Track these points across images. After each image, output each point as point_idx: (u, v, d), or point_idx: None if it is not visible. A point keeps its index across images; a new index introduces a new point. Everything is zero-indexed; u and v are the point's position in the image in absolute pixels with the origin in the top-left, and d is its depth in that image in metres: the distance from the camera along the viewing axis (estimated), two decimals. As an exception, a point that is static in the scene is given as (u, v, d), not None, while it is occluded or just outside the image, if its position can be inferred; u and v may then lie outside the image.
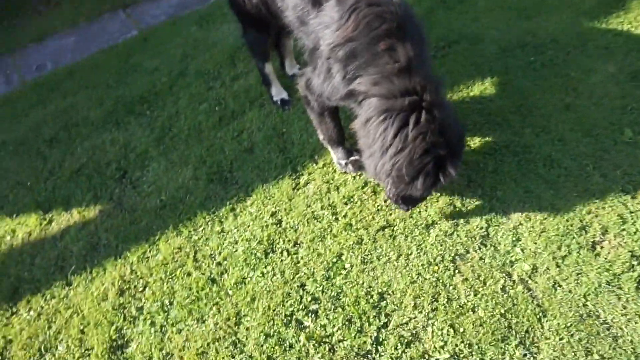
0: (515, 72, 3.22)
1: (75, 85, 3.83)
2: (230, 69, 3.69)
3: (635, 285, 2.18)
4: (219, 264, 2.58)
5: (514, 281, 2.26)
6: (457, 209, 2.59)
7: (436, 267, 2.36)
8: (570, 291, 2.20)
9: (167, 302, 2.47)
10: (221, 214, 2.79)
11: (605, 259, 2.29)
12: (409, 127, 2.13)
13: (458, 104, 3.10)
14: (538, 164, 2.70)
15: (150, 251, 2.70)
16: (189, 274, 2.56)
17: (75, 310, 2.52)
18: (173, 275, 2.57)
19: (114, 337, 2.38)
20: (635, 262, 2.25)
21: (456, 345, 2.09)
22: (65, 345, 2.39)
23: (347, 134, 2.78)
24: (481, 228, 2.49)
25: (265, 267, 2.52)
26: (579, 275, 2.24)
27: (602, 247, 2.34)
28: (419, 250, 2.44)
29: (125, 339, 2.37)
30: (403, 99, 2.12)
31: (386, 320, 2.22)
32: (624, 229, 2.38)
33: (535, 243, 2.39)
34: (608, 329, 2.06)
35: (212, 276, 2.53)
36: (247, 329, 2.30)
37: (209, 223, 2.76)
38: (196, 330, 2.34)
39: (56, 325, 2.48)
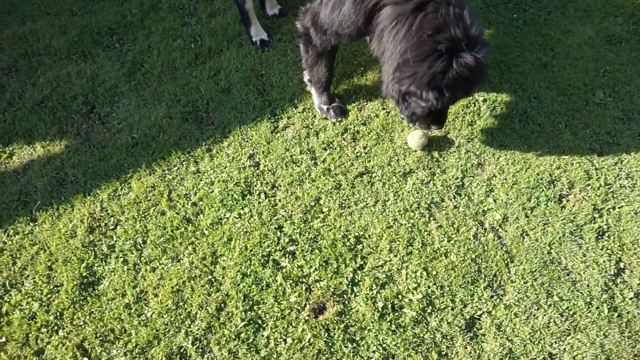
0: (497, 27, 3.22)
1: (34, 9, 3.51)
2: (207, 4, 3.48)
3: (595, 235, 2.32)
4: (194, 204, 2.53)
5: (485, 229, 2.36)
6: (435, 158, 2.63)
7: (412, 214, 2.42)
8: (536, 240, 2.32)
9: (140, 240, 2.42)
10: (196, 154, 2.71)
11: (570, 211, 2.41)
12: (417, 21, 2.02)
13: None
14: (514, 119, 2.77)
15: (121, 189, 2.61)
16: (163, 213, 2.51)
17: (42, 246, 2.42)
18: (146, 214, 2.51)
19: (84, 274, 2.32)
20: (596, 215, 2.39)
21: (429, 287, 2.18)
22: (32, 281, 2.31)
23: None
24: (457, 178, 2.55)
25: (243, 208, 2.49)
26: (546, 226, 2.36)
27: (567, 200, 2.46)
28: (395, 197, 2.49)
29: (97, 276, 2.32)
30: (414, 1, 2.03)
31: (362, 262, 2.27)
32: (588, 184, 2.51)
33: (507, 194, 2.48)
34: (568, 274, 2.20)
35: (187, 216, 2.49)
36: (224, 268, 2.30)
37: (184, 163, 2.69)
38: (171, 268, 2.31)
39: (21, 261, 2.39)
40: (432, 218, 2.40)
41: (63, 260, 2.37)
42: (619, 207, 2.43)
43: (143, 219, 2.49)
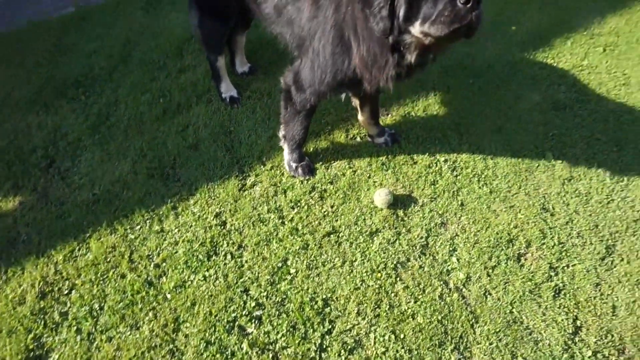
0: (455, 91, 3.43)
1: (-4, 59, 3.46)
2: (177, 60, 3.54)
3: (553, 294, 2.42)
4: (157, 265, 2.46)
5: (450, 289, 2.41)
6: (400, 217, 2.70)
7: (379, 275, 2.44)
8: (499, 299, 2.38)
9: (96, 306, 2.30)
10: (161, 212, 2.66)
11: (529, 269, 2.51)
12: None
13: (403, 118, 3.24)
14: (473, 180, 2.91)
15: (79, 250, 2.50)
16: (123, 276, 2.41)
17: (-14, 313, 2.26)
18: (105, 277, 2.40)
19: (31, 347, 2.15)
20: (552, 273, 2.50)
21: (397, 351, 2.18)
22: (-30, 357, 2.14)
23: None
24: (421, 237, 2.62)
25: (208, 270, 2.44)
26: (507, 284, 2.44)
27: (525, 259, 2.56)
28: (363, 258, 2.51)
29: (45, 349, 2.16)
30: None
31: (330, 326, 2.25)
32: (544, 243, 2.63)
33: (469, 253, 2.56)
34: (530, 334, 2.27)
35: (149, 279, 2.40)
36: (186, 335, 2.21)
37: (148, 221, 2.62)
38: (129, 337, 2.20)
39: (-40, 329, 2.21)
40: (398, 279, 2.44)
41: (7, 331, 2.20)
42: (572, 265, 2.55)
43: (101, 282, 2.38)
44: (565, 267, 2.54)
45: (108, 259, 2.46)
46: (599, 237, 2.64)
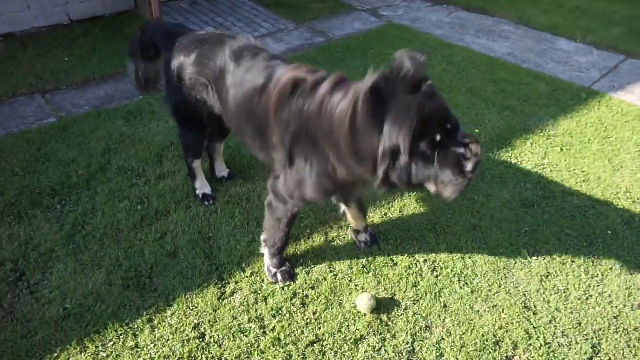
0: (428, 192, 3.56)
1: (-32, 171, 3.44)
2: (157, 166, 3.61)
3: (546, 401, 2.34)
4: (129, 386, 2.28)
5: (441, 400, 2.30)
6: (384, 322, 2.64)
7: (366, 387, 2.33)
8: (492, 410, 2.28)
9: None
10: (136, 326, 2.53)
11: (519, 375, 2.44)
12: None
13: (380, 219, 3.31)
14: (453, 280, 2.92)
15: (43, 372, 2.32)
16: (91, 400, 2.22)
17: None
18: (70, 401, 2.21)
19: None
20: (543, 378, 2.44)
21: None
22: None
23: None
24: (407, 343, 2.55)
25: (184, 389, 2.28)
26: (498, 393, 2.35)
27: (514, 363, 2.51)
28: (348, 368, 2.41)
29: None
30: None
31: None
32: (530, 344, 2.59)
33: (457, 358, 2.49)
34: None
35: (119, 401, 2.22)
36: None
37: (121, 336, 2.48)
38: None
39: None
40: (387, 390, 2.32)
41: None
42: (561, 367, 2.51)
43: (66, 409, 2.18)
44: (555, 369, 2.49)
45: (74, 383, 2.27)
46: (584, 336, 2.63)
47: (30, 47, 5.35)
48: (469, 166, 2.01)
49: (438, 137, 1.98)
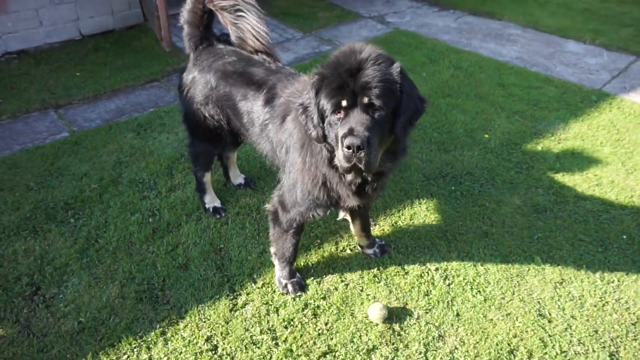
0: (439, 199, 3.55)
1: (-14, 185, 3.51)
2: (167, 179, 3.64)
3: (564, 412, 2.29)
4: (143, 399, 2.29)
5: (456, 412, 2.27)
6: (396, 332, 2.63)
7: (380, 398, 2.31)
8: (508, 421, 2.25)
9: None
10: (149, 339, 2.55)
11: (535, 384, 2.41)
12: None
13: (391, 228, 3.30)
14: (465, 288, 2.89)
15: (59, 385, 2.34)
16: (106, 413, 2.24)
17: None
18: (86, 415, 2.23)
19: None
20: (560, 388, 2.40)
21: None
22: None
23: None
24: (420, 353, 2.53)
25: (198, 402, 2.28)
26: (514, 403, 2.32)
27: (530, 373, 2.47)
28: (361, 379, 2.39)
29: None
30: None
31: None
32: (546, 352, 2.56)
33: (471, 369, 2.46)
34: None
35: (134, 415, 2.23)
36: None
37: (135, 350, 2.50)
38: None
39: None
40: (401, 402, 2.30)
41: None
42: (579, 376, 2.47)
43: (82, 423, 2.20)
44: (572, 379, 2.45)
45: (90, 397, 2.29)
46: (601, 344, 2.59)
47: (44, 63, 5.46)
48: None
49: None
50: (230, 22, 2.86)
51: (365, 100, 1.98)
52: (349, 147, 1.96)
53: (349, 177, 2.26)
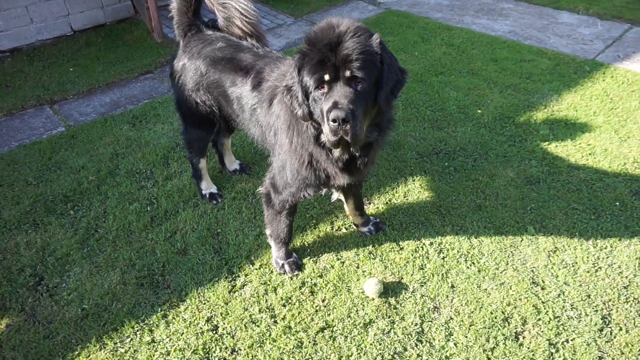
0: (432, 175, 3.58)
1: (-14, 182, 3.57)
2: (164, 168, 3.69)
3: (557, 374, 2.35)
4: (148, 379, 2.37)
5: (451, 378, 2.33)
6: (392, 305, 2.68)
7: (377, 368, 2.37)
8: (502, 384, 2.31)
9: None
10: (151, 322, 2.62)
11: (528, 348, 2.46)
12: None
13: (385, 206, 3.34)
14: (460, 260, 2.94)
15: (66, 370, 2.42)
16: (113, 394, 2.31)
17: None
18: (93, 396, 2.30)
19: None
20: (553, 350, 2.45)
21: None
22: None
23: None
24: (416, 324, 2.58)
25: (201, 379, 2.35)
26: (508, 368, 2.38)
27: (524, 337, 2.52)
28: (359, 351, 2.45)
29: None
30: None
31: None
32: (539, 319, 2.61)
33: (466, 336, 2.52)
34: (540, 421, 2.16)
35: (139, 394, 2.30)
36: None
37: (138, 333, 2.57)
38: None
39: None
40: (397, 371, 2.37)
41: None
42: (571, 340, 2.51)
43: (90, 403, 2.28)
44: (565, 342, 2.50)
45: (96, 379, 2.37)
46: (593, 308, 2.63)
47: (37, 60, 5.48)
48: None
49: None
50: (218, 2, 2.87)
51: (347, 73, 2.00)
52: (334, 121, 1.99)
53: (337, 152, 2.29)
